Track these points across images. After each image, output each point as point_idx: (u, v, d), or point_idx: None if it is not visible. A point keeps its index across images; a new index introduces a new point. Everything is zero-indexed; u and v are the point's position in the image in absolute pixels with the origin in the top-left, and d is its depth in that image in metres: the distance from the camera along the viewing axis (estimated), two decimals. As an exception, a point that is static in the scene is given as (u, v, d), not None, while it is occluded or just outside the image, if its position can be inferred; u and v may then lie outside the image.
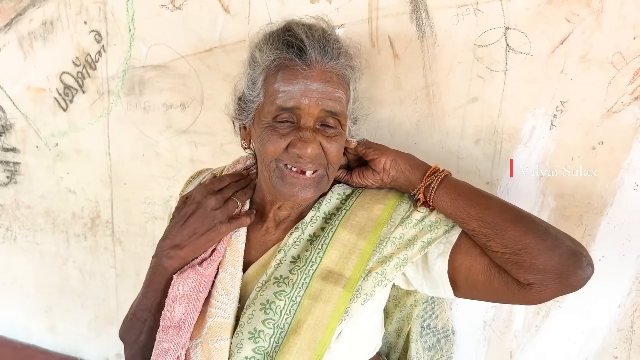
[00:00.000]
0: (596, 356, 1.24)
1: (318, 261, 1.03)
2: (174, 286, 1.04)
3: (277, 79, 0.97)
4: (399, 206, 1.07)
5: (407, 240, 1.04)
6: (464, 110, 1.21)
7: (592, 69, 1.08)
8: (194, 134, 1.57)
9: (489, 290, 1.01)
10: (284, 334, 1.00)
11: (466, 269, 1.01)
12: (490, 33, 1.14)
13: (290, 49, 0.96)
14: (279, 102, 0.96)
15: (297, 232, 1.07)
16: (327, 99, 0.97)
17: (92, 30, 1.62)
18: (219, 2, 1.41)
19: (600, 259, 1.17)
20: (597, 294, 1.18)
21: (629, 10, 1.02)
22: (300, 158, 0.98)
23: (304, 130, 0.97)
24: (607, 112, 1.09)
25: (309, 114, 0.97)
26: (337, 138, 1.01)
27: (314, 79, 0.96)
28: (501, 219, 0.95)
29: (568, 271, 0.92)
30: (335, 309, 0.99)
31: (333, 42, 0.98)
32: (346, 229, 1.05)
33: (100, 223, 1.83)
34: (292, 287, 1.02)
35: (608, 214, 1.14)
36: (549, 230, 0.95)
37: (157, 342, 1.04)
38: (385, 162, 1.07)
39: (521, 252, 0.93)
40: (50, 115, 1.79)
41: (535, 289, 0.95)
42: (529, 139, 1.17)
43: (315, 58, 0.96)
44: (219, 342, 1.01)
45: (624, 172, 1.11)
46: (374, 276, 1.02)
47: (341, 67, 0.99)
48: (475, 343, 1.37)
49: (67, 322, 2.06)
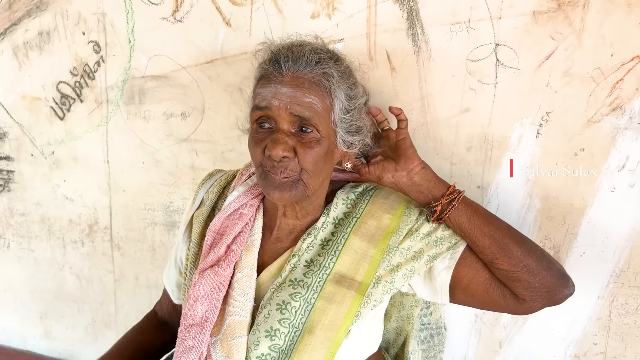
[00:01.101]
0: (577, 343, 1.35)
1: (331, 266, 1.10)
2: (196, 286, 1.10)
3: (258, 85, 1.07)
4: (406, 216, 1.13)
5: (414, 252, 1.12)
6: (457, 119, 1.30)
7: (574, 82, 1.17)
8: (194, 142, 1.61)
9: (485, 300, 1.13)
10: (299, 333, 1.06)
11: (468, 281, 1.11)
12: (481, 49, 1.23)
13: (270, 62, 1.06)
14: (256, 102, 1.05)
15: (310, 238, 1.13)
16: (296, 103, 1.01)
17: (91, 41, 1.65)
18: (220, 15, 1.46)
19: (581, 255, 1.27)
20: (578, 287, 1.26)
21: (607, 30, 1.12)
22: (275, 161, 1.03)
23: (276, 132, 1.03)
24: (587, 122, 1.18)
25: (281, 117, 1.02)
26: (313, 144, 1.04)
27: (285, 84, 1.02)
28: (509, 240, 1.07)
29: (557, 289, 1.08)
30: (348, 311, 1.07)
31: (309, 52, 1.04)
32: (358, 237, 1.12)
33: (98, 229, 1.86)
34: (307, 289, 1.08)
35: (588, 214, 1.24)
36: (544, 254, 1.09)
37: (180, 340, 1.10)
38: (416, 165, 1.12)
39: (523, 270, 1.05)
40: (46, 123, 1.80)
41: (528, 303, 1.08)
42: (517, 146, 1.26)
43: (286, 66, 1.03)
44: (237, 339, 1.07)
45: (602, 175, 1.20)
46: (383, 284, 1.10)
47: (315, 75, 1.03)
48: (466, 335, 1.46)
49: (62, 327, 2.07)
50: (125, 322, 1.94)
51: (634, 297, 1.24)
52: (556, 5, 1.14)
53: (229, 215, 1.17)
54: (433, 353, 1.43)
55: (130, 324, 1.89)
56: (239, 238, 1.14)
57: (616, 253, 1.23)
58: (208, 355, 1.10)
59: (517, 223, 1.30)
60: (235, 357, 1.06)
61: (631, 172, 1.17)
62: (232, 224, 1.15)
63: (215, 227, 1.16)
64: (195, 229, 1.23)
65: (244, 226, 1.16)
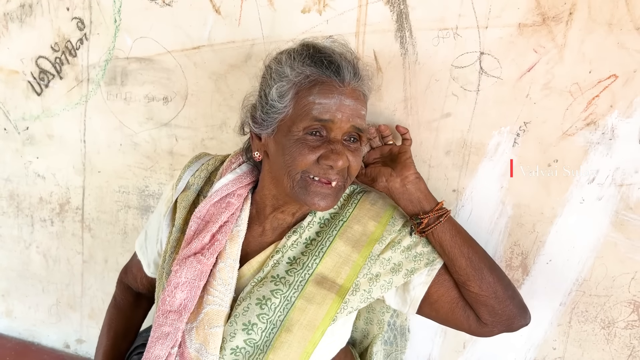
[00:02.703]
0: (537, 347, 1.39)
1: (314, 267, 1.11)
2: (177, 273, 1.09)
3: (313, 92, 1.03)
4: (390, 225, 1.16)
5: (393, 265, 1.14)
6: (438, 123, 1.32)
7: (552, 95, 1.21)
8: (175, 128, 1.60)
9: (449, 318, 1.18)
10: (276, 330, 1.07)
11: (437, 297, 1.16)
12: (466, 56, 1.26)
13: (327, 67, 1.03)
14: (315, 113, 1.02)
15: (295, 235, 1.14)
16: (356, 116, 1.05)
17: (75, 17, 1.62)
18: (210, 2, 1.45)
19: (547, 262, 1.32)
20: (542, 293, 1.32)
21: (587, 47, 1.16)
22: (331, 169, 1.04)
23: (335, 144, 1.03)
24: (562, 135, 1.22)
25: (340, 128, 1.04)
26: (359, 152, 1.09)
27: (347, 95, 1.03)
28: (484, 264, 1.12)
29: (516, 319, 1.14)
30: (327, 312, 1.08)
31: (361, 65, 1.08)
32: (342, 240, 1.13)
33: (69, 209, 1.83)
34: (288, 287, 1.09)
35: (557, 223, 1.28)
36: (510, 284, 1.16)
37: (157, 326, 1.09)
38: (411, 173, 1.16)
39: (491, 296, 1.11)
40: (22, 98, 1.77)
41: (488, 327, 1.15)
42: (494, 154, 1.30)
43: (349, 77, 1.04)
44: (214, 328, 1.07)
45: (573, 187, 1.25)
46: (361, 293, 1.12)
47: (365, 87, 1.09)
48: (432, 334, 1.49)
49: (25, 307, 2.03)
50: (91, 304, 1.91)
51: (593, 306, 1.29)
52: (541, 20, 1.18)
53: (215, 202, 1.15)
54: (394, 354, 1.45)
55: (97, 307, 1.88)
56: (224, 228, 1.13)
57: (580, 262, 1.28)
58: (182, 342, 1.10)
59: (489, 228, 1.33)
60: (211, 345, 1.06)
61: (600, 186, 1.22)
62: (218, 212, 1.14)
63: (201, 214, 1.15)
64: (179, 213, 1.20)
65: (230, 216, 1.15)
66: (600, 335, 1.29)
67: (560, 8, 1.16)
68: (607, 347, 1.28)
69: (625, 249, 1.22)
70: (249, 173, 1.21)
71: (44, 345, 2.05)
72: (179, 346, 1.10)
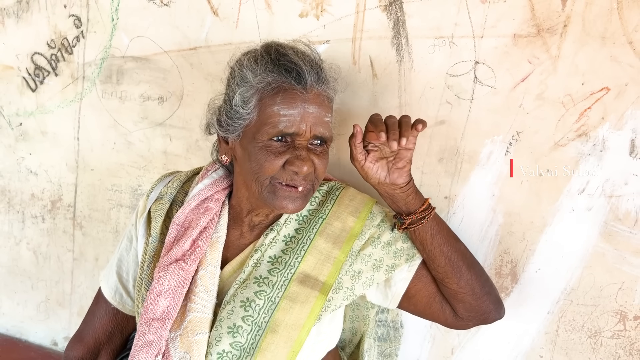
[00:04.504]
0: (525, 355, 1.40)
1: (296, 265, 1.11)
2: (160, 280, 1.08)
3: (277, 101, 1.02)
4: (369, 220, 1.17)
5: (374, 261, 1.15)
6: (432, 131, 1.33)
7: (545, 106, 1.22)
8: (169, 128, 1.60)
9: (426, 311, 1.20)
10: (261, 332, 1.07)
11: (415, 292, 1.18)
12: (461, 65, 1.27)
13: (288, 74, 1.02)
14: (281, 127, 1.02)
15: (273, 234, 1.15)
16: (319, 124, 1.05)
17: (72, 15, 1.62)
18: (208, 4, 1.45)
19: (536, 271, 1.33)
20: (531, 301, 1.33)
21: (581, 59, 1.17)
22: (296, 175, 1.04)
23: (300, 150, 1.04)
24: (554, 145, 1.24)
25: (304, 137, 1.04)
26: (325, 155, 1.10)
27: (311, 102, 1.03)
28: (463, 263, 1.13)
29: (491, 314, 1.18)
30: (311, 311, 1.08)
31: (324, 68, 1.08)
32: (323, 237, 1.14)
33: (61, 206, 1.82)
34: (272, 288, 1.09)
35: (547, 232, 1.29)
36: (488, 279, 1.18)
37: (140, 334, 1.08)
38: (403, 183, 1.13)
39: (468, 293, 1.13)
40: (16, 94, 1.76)
41: (464, 321, 1.18)
42: (486, 162, 1.31)
43: (311, 82, 1.03)
44: (198, 335, 1.07)
45: (563, 197, 1.26)
46: (344, 290, 1.13)
47: (330, 90, 1.09)
48: (421, 340, 1.49)
49: (13, 303, 2.02)
50: (81, 302, 1.91)
51: (581, 315, 1.30)
52: (536, 31, 1.19)
53: (193, 208, 1.15)
54: (389, 349, 1.46)
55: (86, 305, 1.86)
56: (204, 233, 1.13)
57: (569, 272, 1.29)
58: (166, 350, 1.09)
59: (480, 235, 1.34)
60: (195, 353, 1.05)
61: (590, 196, 1.23)
62: (197, 218, 1.14)
63: (180, 220, 1.14)
64: (155, 222, 1.20)
65: (209, 221, 1.15)
66: (586, 344, 1.30)
67: (555, 20, 1.17)
68: (594, 356, 1.29)
69: (613, 259, 1.23)
70: (224, 177, 1.21)
71: (31, 342, 2.04)
72: (162, 355, 1.09)
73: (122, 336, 1.33)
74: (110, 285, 1.29)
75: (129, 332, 1.34)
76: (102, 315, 1.30)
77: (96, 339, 1.31)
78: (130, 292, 1.28)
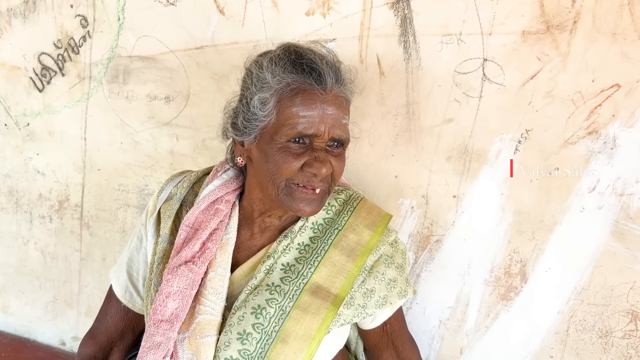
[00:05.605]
0: (535, 355, 1.39)
1: (309, 276, 1.10)
2: (169, 282, 1.07)
3: (296, 102, 1.01)
4: (385, 236, 1.16)
5: (388, 280, 1.16)
6: (440, 129, 1.32)
7: (555, 103, 1.21)
8: (176, 127, 1.60)
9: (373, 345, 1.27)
10: (271, 341, 1.05)
11: None
12: (469, 62, 1.26)
13: (309, 75, 1.01)
14: (300, 128, 1.01)
15: (287, 240, 1.13)
16: (337, 126, 1.04)
17: (78, 14, 1.62)
18: (215, 3, 1.45)
19: (546, 270, 1.31)
20: (540, 301, 1.32)
21: (591, 56, 1.16)
22: (315, 177, 1.03)
23: (319, 151, 1.03)
24: (564, 143, 1.22)
25: (323, 139, 1.03)
26: (342, 157, 1.08)
27: (330, 103, 1.02)
28: None
29: None
30: (322, 322, 1.07)
31: (342, 69, 1.07)
32: (338, 249, 1.13)
33: (68, 206, 1.82)
34: (283, 296, 1.08)
35: (557, 231, 1.28)
36: None
37: (148, 335, 1.07)
38: None
39: None
40: (23, 94, 1.76)
41: None
42: (495, 160, 1.30)
43: (331, 83, 1.02)
44: (206, 337, 1.06)
45: (573, 196, 1.25)
46: (355, 307, 1.12)
47: (347, 92, 1.08)
48: (429, 340, 1.49)
49: (22, 303, 2.03)
50: (88, 302, 1.91)
51: (591, 315, 1.29)
52: (545, 28, 1.18)
53: (203, 209, 1.14)
54: None
55: (94, 304, 1.88)
56: (214, 235, 1.12)
57: (579, 271, 1.28)
58: (174, 352, 1.08)
59: (489, 234, 1.33)
60: (203, 355, 1.05)
61: (600, 195, 1.22)
62: (207, 219, 1.13)
63: (190, 222, 1.14)
64: (164, 222, 1.19)
65: (219, 223, 1.14)
66: (597, 345, 1.28)
67: (565, 16, 1.16)
68: (605, 357, 1.28)
69: (624, 258, 1.22)
70: (235, 178, 1.20)
71: (39, 342, 2.04)
72: (170, 356, 1.08)
73: (134, 334, 1.33)
74: (120, 283, 1.29)
75: (141, 330, 1.33)
76: (114, 313, 1.30)
77: (108, 336, 1.31)
78: (140, 292, 1.27)
